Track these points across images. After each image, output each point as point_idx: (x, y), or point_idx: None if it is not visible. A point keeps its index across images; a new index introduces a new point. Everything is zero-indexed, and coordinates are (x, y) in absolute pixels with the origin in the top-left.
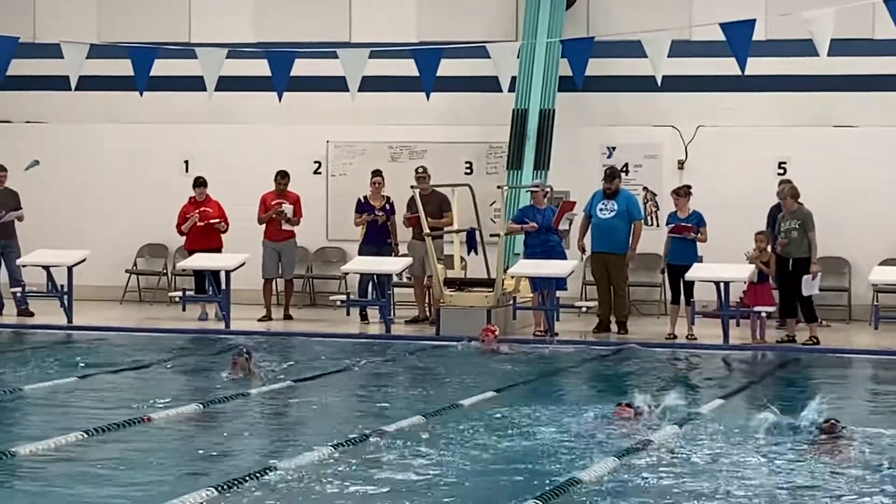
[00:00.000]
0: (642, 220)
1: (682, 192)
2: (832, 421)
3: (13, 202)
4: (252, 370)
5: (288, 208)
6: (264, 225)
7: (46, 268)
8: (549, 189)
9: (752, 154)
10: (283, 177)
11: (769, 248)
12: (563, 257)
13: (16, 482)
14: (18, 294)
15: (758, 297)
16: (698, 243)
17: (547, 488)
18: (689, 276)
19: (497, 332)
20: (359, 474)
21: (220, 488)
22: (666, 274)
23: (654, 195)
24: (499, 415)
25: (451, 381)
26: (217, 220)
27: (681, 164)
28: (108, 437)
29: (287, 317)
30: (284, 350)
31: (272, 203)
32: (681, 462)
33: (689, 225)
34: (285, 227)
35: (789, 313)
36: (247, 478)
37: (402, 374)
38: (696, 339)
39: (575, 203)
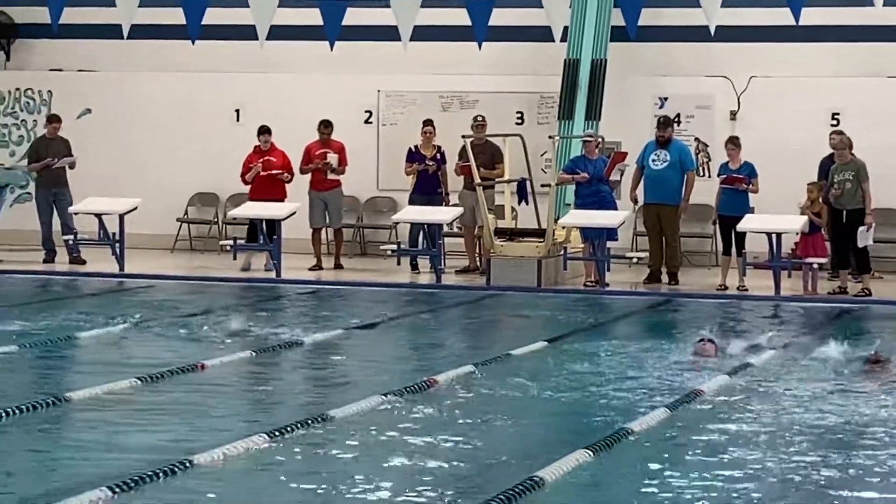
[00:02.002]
0: (695, 171)
1: (736, 143)
2: (877, 353)
3: (66, 151)
4: None
5: (333, 157)
6: (309, 175)
7: (98, 216)
8: (600, 139)
9: (804, 105)
10: (326, 126)
11: (821, 200)
12: (614, 208)
13: (70, 428)
14: (70, 242)
15: (810, 248)
16: (750, 195)
17: (598, 438)
18: (740, 227)
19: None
20: (409, 423)
21: (272, 435)
22: (717, 225)
23: (706, 146)
24: (550, 364)
25: (502, 331)
26: (280, 172)
27: (733, 115)
28: (162, 384)
29: (338, 266)
30: (335, 299)
31: (316, 153)
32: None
33: (741, 176)
34: (331, 176)
35: (842, 264)
36: (299, 425)
37: (453, 324)
38: (747, 290)
39: (627, 154)
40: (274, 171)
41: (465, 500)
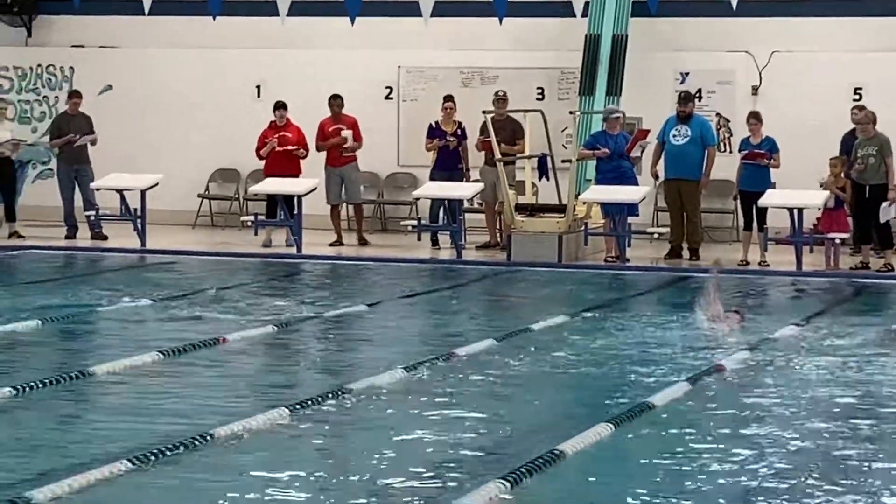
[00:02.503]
0: (716, 146)
1: (758, 118)
2: None
3: (87, 127)
4: None
5: (347, 133)
6: (325, 151)
7: (120, 191)
8: (621, 114)
9: (826, 80)
10: (335, 99)
11: (843, 175)
12: (635, 183)
13: (92, 401)
14: (92, 217)
15: (832, 223)
16: (771, 170)
17: (619, 412)
18: (762, 202)
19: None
20: (429, 397)
21: (293, 408)
22: (738, 201)
23: (728, 121)
24: (571, 339)
25: (522, 305)
26: (295, 147)
27: (754, 90)
28: (183, 358)
29: (361, 241)
30: (356, 275)
31: (329, 129)
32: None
33: (763, 151)
34: (347, 151)
35: (864, 240)
36: (320, 398)
37: (473, 299)
38: (768, 265)
39: (649, 131)
40: (289, 147)
41: (486, 473)
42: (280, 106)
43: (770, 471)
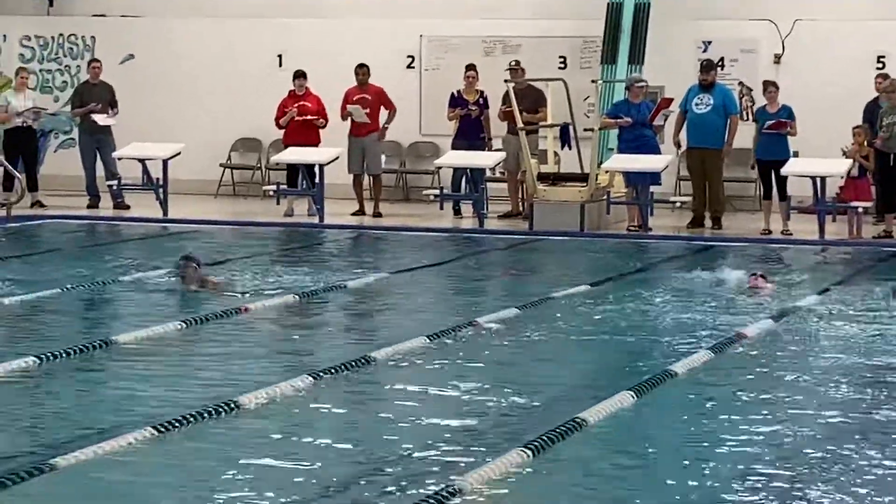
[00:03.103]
0: (738, 115)
1: (776, 86)
2: None
3: (109, 96)
4: (209, 280)
5: (353, 108)
6: (349, 120)
7: (142, 161)
8: (645, 83)
9: (850, 48)
10: (360, 68)
11: (867, 143)
12: (658, 152)
13: (115, 370)
14: (114, 187)
15: (855, 192)
16: (790, 138)
17: (641, 380)
18: (785, 170)
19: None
20: (452, 365)
21: (316, 376)
22: (756, 170)
23: (750, 90)
24: (593, 307)
25: (545, 274)
26: (314, 117)
27: (777, 59)
28: (206, 327)
29: (377, 214)
30: (378, 244)
31: (354, 98)
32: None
33: (785, 120)
34: (362, 120)
35: (888, 208)
36: (342, 367)
37: (496, 268)
38: (791, 234)
39: (672, 100)
40: (308, 116)
41: (508, 441)
42: (299, 75)
43: (793, 439)
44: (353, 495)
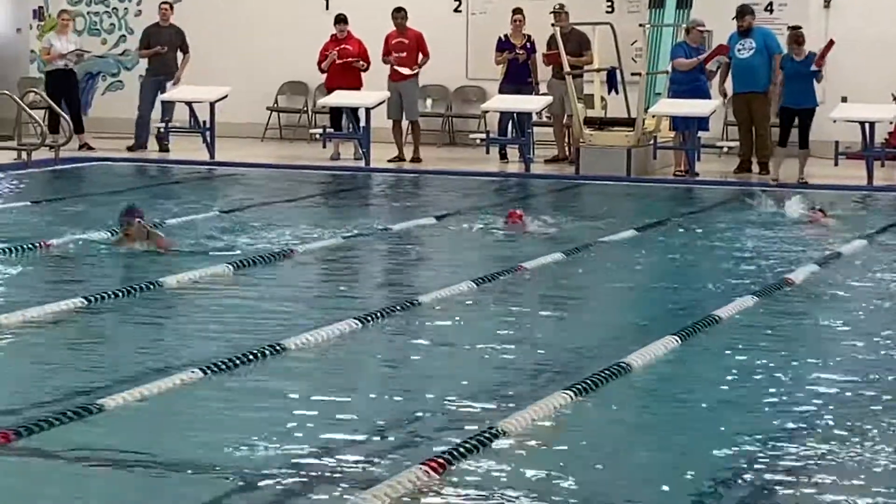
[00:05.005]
0: (782, 53)
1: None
2: None
3: (177, 39)
4: (155, 235)
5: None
6: (389, 66)
7: (189, 104)
8: (703, 25)
9: None
10: (397, 11)
11: None
12: (708, 97)
13: (163, 312)
14: (162, 129)
15: None
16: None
17: (686, 324)
18: (834, 115)
19: (522, 215)
20: (497, 310)
21: (363, 320)
22: (779, 117)
23: None
24: (639, 252)
25: (591, 219)
26: (356, 59)
27: (826, 3)
28: (253, 269)
29: (415, 159)
30: (424, 188)
31: (393, 41)
32: None
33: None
34: (400, 68)
35: None
36: (388, 311)
37: (541, 213)
38: (806, 182)
39: (728, 48)
40: (350, 59)
41: (553, 385)
42: (340, 20)
43: (836, 386)
44: (397, 438)
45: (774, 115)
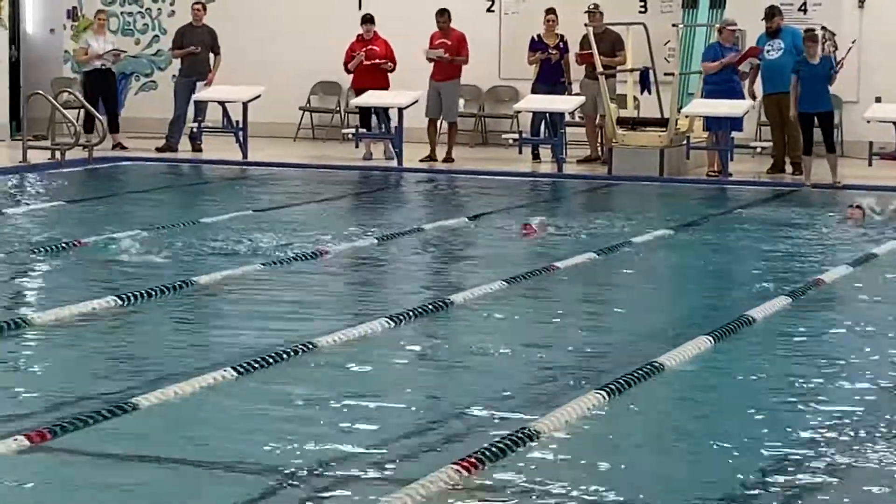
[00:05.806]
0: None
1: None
2: None
3: (209, 40)
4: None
5: (433, 52)
6: (432, 63)
7: (222, 103)
8: (736, 25)
9: None
10: (441, 14)
11: None
12: (742, 98)
13: (195, 312)
14: (195, 129)
15: None
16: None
17: (719, 325)
18: (867, 115)
19: (534, 228)
20: (529, 309)
21: (395, 319)
22: (799, 122)
23: (833, 35)
24: (672, 252)
25: (624, 219)
26: (383, 61)
27: (861, 3)
28: (286, 269)
29: (447, 159)
30: (456, 188)
31: (436, 42)
32: None
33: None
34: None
35: None
36: (420, 310)
37: (574, 213)
38: (840, 185)
39: (761, 50)
40: (377, 61)
41: (586, 384)
42: (367, 20)
43: (870, 389)
44: (429, 437)
45: (794, 120)
